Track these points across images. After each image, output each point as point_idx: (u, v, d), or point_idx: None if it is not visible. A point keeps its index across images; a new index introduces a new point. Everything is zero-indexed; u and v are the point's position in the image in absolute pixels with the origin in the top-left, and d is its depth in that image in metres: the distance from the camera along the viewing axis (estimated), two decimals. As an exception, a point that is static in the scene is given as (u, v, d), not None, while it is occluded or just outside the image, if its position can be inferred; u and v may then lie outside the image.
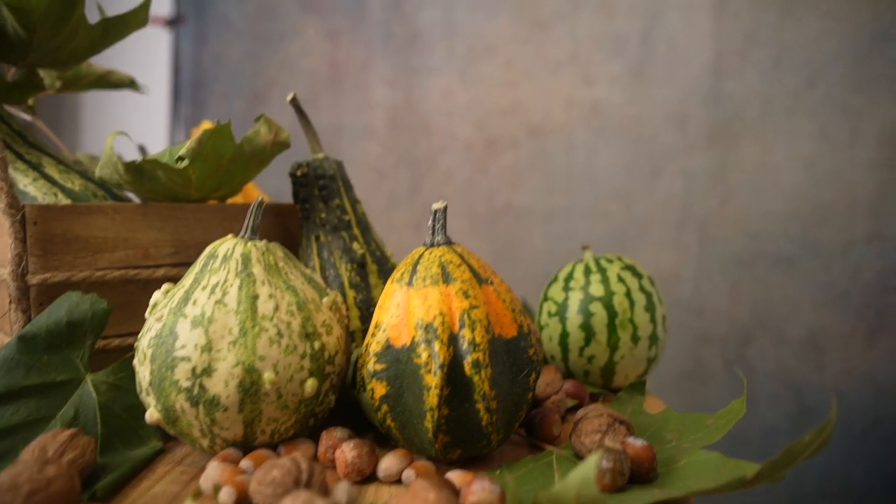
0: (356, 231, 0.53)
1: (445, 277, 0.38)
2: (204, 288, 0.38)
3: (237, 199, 0.62)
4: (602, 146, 1.37)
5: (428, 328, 0.37)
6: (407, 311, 0.38)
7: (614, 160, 1.36)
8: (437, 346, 0.36)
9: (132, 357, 0.44)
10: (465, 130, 1.46)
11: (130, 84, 0.64)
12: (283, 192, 0.86)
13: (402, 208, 1.49)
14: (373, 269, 0.52)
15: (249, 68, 1.65)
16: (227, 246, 0.40)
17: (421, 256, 0.40)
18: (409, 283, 0.39)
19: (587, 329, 0.52)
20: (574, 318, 0.53)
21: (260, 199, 0.42)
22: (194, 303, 0.37)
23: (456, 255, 0.39)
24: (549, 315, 0.55)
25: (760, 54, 1.26)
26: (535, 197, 1.42)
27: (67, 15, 0.46)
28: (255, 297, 0.38)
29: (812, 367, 1.25)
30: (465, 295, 0.38)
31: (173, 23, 1.74)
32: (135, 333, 0.48)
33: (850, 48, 1.20)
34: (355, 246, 0.52)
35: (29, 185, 0.49)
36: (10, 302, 0.42)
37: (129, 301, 0.48)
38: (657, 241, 1.34)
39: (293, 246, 0.58)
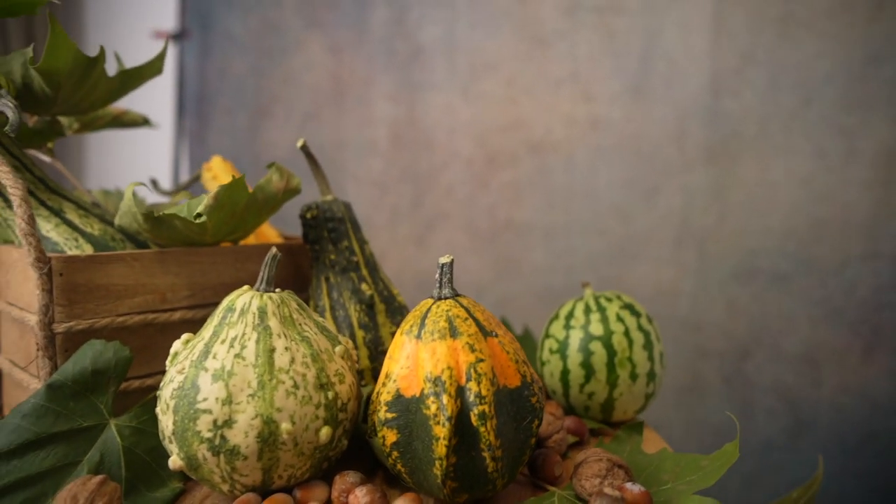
0: (364, 272, 0.55)
1: (452, 332, 0.40)
2: (223, 341, 0.40)
3: (249, 240, 0.64)
4: (601, 163, 1.39)
5: (436, 381, 0.39)
6: (416, 363, 0.40)
7: (614, 177, 1.39)
8: (445, 398, 0.38)
9: (152, 400, 0.46)
10: (466, 146, 1.48)
11: (144, 123, 0.66)
12: (288, 204, 0.87)
13: (404, 223, 1.52)
14: (380, 308, 0.54)
15: (253, 82, 1.67)
16: (244, 299, 0.42)
17: (429, 310, 0.42)
18: (418, 337, 0.41)
19: (587, 367, 0.54)
20: (574, 356, 0.55)
21: (274, 251, 0.44)
22: (214, 356, 0.39)
23: (462, 310, 0.41)
24: (551, 352, 0.57)
25: (757, 74, 1.28)
26: (535, 213, 1.44)
27: (89, 73, 0.49)
28: (272, 351, 0.40)
29: (808, 381, 1.27)
30: (472, 349, 0.40)
31: (178, 37, 1.76)
32: (154, 375, 0.50)
33: (845, 69, 1.22)
34: (364, 287, 0.54)
35: (51, 231, 0.51)
36: (37, 349, 0.44)
37: (149, 344, 0.50)
38: (656, 258, 1.36)
39: (304, 284, 0.60)
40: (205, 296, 0.52)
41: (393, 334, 0.54)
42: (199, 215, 0.46)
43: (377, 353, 0.53)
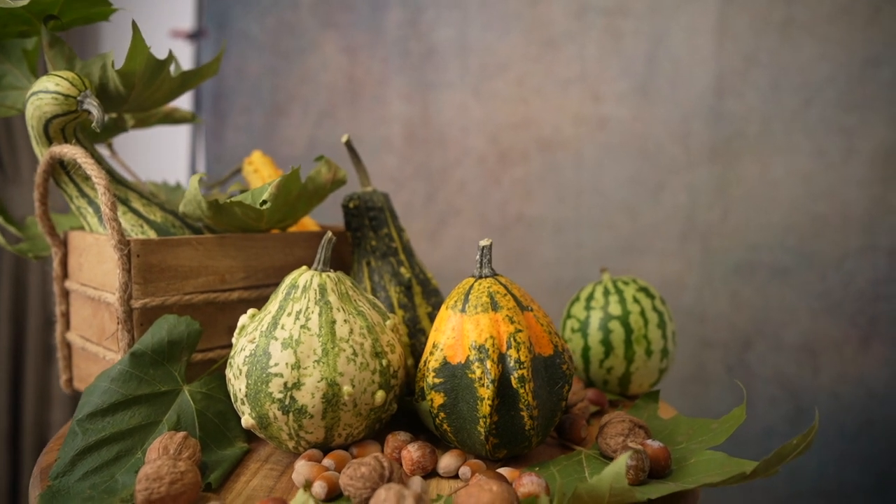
0: (402, 256, 0.60)
1: (494, 305, 0.45)
2: (289, 314, 0.45)
3: (292, 228, 0.69)
4: (609, 160, 1.44)
5: (481, 349, 0.44)
6: (461, 333, 0.45)
7: (621, 174, 1.44)
8: (488, 364, 0.43)
9: (218, 370, 0.51)
10: (478, 144, 1.53)
11: (192, 119, 0.71)
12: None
13: (418, 218, 1.57)
14: (417, 290, 0.59)
15: (269, 82, 1.72)
16: (306, 277, 0.47)
17: (472, 287, 0.47)
18: (463, 310, 0.46)
19: (606, 344, 0.59)
20: (595, 334, 0.60)
21: (329, 235, 0.49)
22: (282, 327, 0.44)
23: (501, 287, 0.47)
24: (572, 331, 0.62)
25: (760, 75, 1.33)
26: (545, 208, 1.49)
27: (157, 73, 0.54)
28: (333, 322, 0.45)
29: (808, 371, 1.32)
30: (511, 321, 0.45)
31: (194, 36, 1.81)
32: (214, 349, 0.55)
33: (844, 71, 1.27)
34: (402, 270, 0.59)
35: (120, 218, 0.56)
36: (118, 323, 0.50)
37: (209, 321, 0.55)
38: (661, 252, 1.41)
39: (344, 268, 0.65)
40: (258, 277, 0.57)
41: (429, 314, 0.59)
42: (264, 202, 0.51)
43: (415, 330, 0.58)
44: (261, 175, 0.72)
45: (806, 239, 1.32)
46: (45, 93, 0.50)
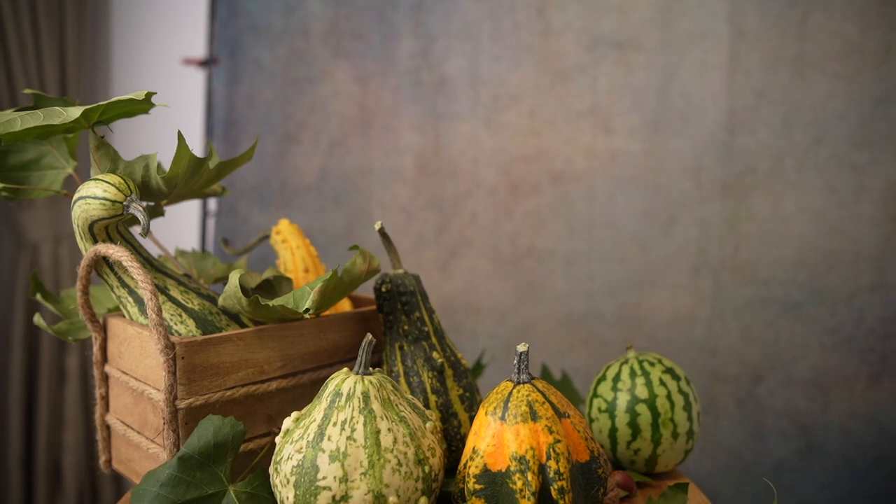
0: (434, 340, 0.61)
1: (533, 415, 0.47)
2: (335, 424, 0.46)
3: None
4: (621, 194, 1.45)
5: (521, 460, 0.45)
6: (501, 441, 0.47)
7: (632, 207, 1.45)
8: (529, 476, 0.45)
9: (260, 463, 0.53)
10: (490, 175, 1.55)
11: (223, 192, 0.72)
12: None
13: (429, 249, 1.58)
14: (449, 373, 0.61)
15: (280, 110, 1.73)
16: (349, 385, 0.48)
17: (511, 394, 0.48)
18: (503, 419, 0.47)
19: (634, 427, 0.61)
20: (622, 416, 0.61)
21: (370, 338, 0.50)
22: (329, 438, 0.46)
23: (539, 394, 0.48)
24: (599, 411, 0.63)
25: (771, 112, 1.35)
26: (556, 241, 1.50)
27: (198, 170, 0.55)
28: (378, 432, 0.46)
29: (818, 406, 1.34)
30: (550, 431, 0.46)
31: (206, 63, 1.82)
32: (253, 439, 0.56)
33: (856, 109, 1.29)
34: (435, 355, 0.60)
35: (159, 308, 0.57)
36: (163, 423, 0.51)
37: (249, 411, 0.56)
38: (673, 285, 1.42)
39: (377, 346, 0.66)
40: (294, 365, 0.59)
41: (460, 397, 0.61)
42: (307, 310, 0.52)
43: (448, 415, 0.59)
44: (289, 245, 0.74)
45: (817, 275, 1.33)
46: (93, 199, 0.51)
